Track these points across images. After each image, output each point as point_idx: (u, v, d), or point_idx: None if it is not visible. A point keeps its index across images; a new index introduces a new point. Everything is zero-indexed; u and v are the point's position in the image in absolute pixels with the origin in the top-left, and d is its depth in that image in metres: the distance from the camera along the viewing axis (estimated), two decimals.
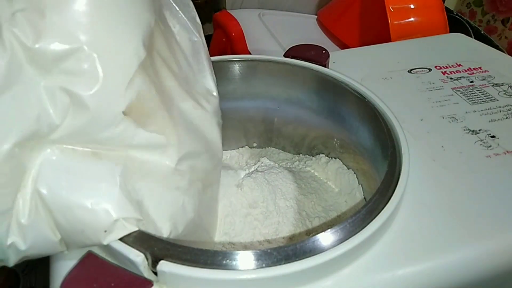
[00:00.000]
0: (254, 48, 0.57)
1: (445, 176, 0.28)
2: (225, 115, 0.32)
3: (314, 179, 0.37)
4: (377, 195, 0.24)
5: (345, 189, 0.36)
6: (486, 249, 0.24)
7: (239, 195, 0.32)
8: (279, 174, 0.35)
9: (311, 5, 0.78)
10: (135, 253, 0.21)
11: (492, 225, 0.25)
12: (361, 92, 0.33)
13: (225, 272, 0.20)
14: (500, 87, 0.38)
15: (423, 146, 0.31)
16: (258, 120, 0.42)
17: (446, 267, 0.23)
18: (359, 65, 0.42)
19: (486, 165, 0.29)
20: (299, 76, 0.37)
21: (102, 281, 0.20)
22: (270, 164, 0.37)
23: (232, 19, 0.57)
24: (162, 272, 0.20)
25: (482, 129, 0.33)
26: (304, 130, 0.40)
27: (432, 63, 0.42)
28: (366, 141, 0.33)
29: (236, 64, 0.38)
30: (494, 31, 0.83)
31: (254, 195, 0.32)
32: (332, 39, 0.68)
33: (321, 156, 0.40)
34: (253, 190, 0.32)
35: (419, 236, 0.24)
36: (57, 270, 0.23)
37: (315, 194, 0.34)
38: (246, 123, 0.42)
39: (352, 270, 0.22)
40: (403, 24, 0.54)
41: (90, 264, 0.21)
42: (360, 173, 0.35)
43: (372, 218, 0.23)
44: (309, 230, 0.31)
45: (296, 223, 0.31)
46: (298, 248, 0.21)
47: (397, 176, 0.26)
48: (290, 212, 0.32)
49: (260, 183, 0.33)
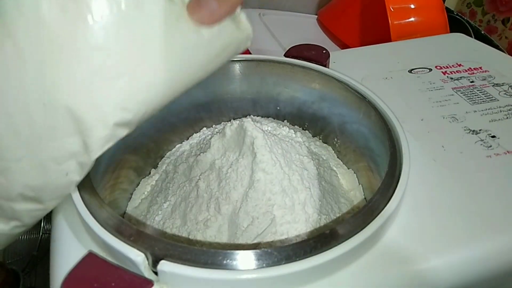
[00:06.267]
0: (254, 48, 0.57)
1: (445, 176, 0.28)
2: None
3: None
4: (378, 195, 0.24)
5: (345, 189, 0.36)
6: (487, 249, 0.24)
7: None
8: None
9: (311, 5, 0.78)
10: (136, 252, 0.21)
11: (492, 225, 0.25)
12: (361, 92, 0.33)
13: (226, 272, 0.20)
14: (500, 87, 0.38)
15: (423, 146, 0.31)
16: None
17: (446, 267, 0.23)
18: (359, 65, 0.42)
19: (487, 165, 0.29)
20: (299, 75, 0.37)
21: (102, 281, 0.20)
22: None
23: None
24: (162, 272, 0.20)
25: (483, 129, 0.33)
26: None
27: (432, 63, 0.42)
28: (366, 141, 0.33)
29: (236, 64, 0.38)
30: (494, 31, 0.83)
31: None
32: (332, 39, 0.68)
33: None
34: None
35: (419, 236, 0.24)
36: (57, 270, 0.23)
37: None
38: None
39: (352, 270, 0.22)
40: (403, 24, 0.54)
41: (90, 264, 0.21)
42: (360, 173, 0.35)
43: (373, 218, 0.23)
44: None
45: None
46: (298, 248, 0.21)
47: (398, 176, 0.26)
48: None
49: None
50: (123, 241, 0.21)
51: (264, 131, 0.31)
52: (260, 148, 0.30)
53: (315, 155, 0.36)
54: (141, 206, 0.34)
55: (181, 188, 0.33)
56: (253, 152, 0.30)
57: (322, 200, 0.31)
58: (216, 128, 0.41)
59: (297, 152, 0.34)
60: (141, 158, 0.36)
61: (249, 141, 0.30)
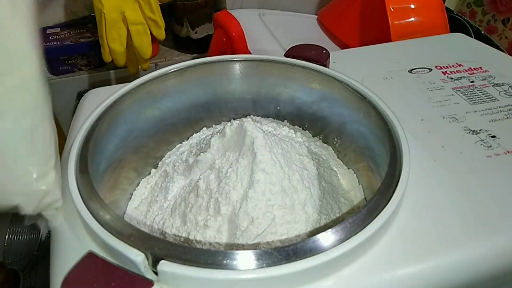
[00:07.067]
0: (254, 48, 0.57)
1: (445, 176, 0.28)
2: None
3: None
4: (378, 195, 0.24)
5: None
6: (486, 249, 0.24)
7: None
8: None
9: (311, 5, 0.78)
10: (136, 252, 0.21)
11: (492, 225, 0.25)
12: (361, 92, 0.33)
13: (226, 272, 0.20)
14: (500, 87, 0.38)
15: (423, 146, 0.31)
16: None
17: (446, 267, 0.23)
18: (359, 65, 0.42)
19: (487, 165, 0.29)
20: (299, 75, 0.37)
21: (102, 281, 0.20)
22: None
23: (232, 19, 0.57)
24: (162, 271, 0.20)
25: (483, 129, 0.33)
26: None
27: (432, 63, 0.42)
28: (366, 141, 0.33)
29: (236, 64, 0.38)
30: (495, 31, 0.83)
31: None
32: (332, 39, 0.68)
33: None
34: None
35: (419, 236, 0.24)
36: (57, 270, 0.23)
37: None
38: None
39: (352, 270, 0.22)
40: (403, 24, 0.54)
41: (90, 264, 0.21)
42: (360, 173, 0.35)
43: (373, 218, 0.23)
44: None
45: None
46: (298, 248, 0.21)
47: (398, 176, 0.26)
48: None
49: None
50: (123, 241, 0.21)
51: (264, 131, 0.31)
52: (260, 148, 0.30)
53: (315, 155, 0.36)
54: (141, 206, 0.34)
55: (180, 188, 0.33)
56: (253, 152, 0.30)
57: (322, 200, 0.31)
58: (216, 128, 0.41)
59: (297, 152, 0.34)
60: (141, 158, 0.36)
61: (249, 141, 0.30)
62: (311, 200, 0.30)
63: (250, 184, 0.29)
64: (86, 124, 0.30)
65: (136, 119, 0.35)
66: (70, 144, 0.29)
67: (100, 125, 0.30)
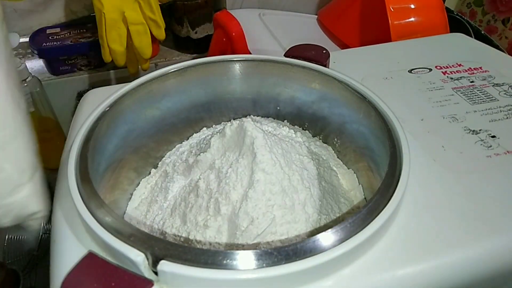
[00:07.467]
0: (254, 48, 0.57)
1: (445, 176, 0.28)
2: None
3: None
4: (378, 195, 0.24)
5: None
6: (486, 249, 0.24)
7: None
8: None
9: (311, 5, 0.78)
10: (136, 252, 0.21)
11: (492, 225, 0.25)
12: (361, 92, 0.33)
13: (226, 272, 0.20)
14: (500, 87, 0.38)
15: (423, 146, 0.31)
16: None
17: (446, 267, 0.23)
18: (359, 65, 0.42)
19: (487, 165, 0.29)
20: (299, 75, 0.37)
21: (102, 281, 0.20)
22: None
23: (232, 19, 0.57)
24: (162, 272, 0.20)
25: (483, 129, 0.33)
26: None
27: (432, 63, 0.42)
28: (366, 141, 0.33)
29: (236, 64, 0.38)
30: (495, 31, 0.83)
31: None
32: (332, 39, 0.68)
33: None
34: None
35: (419, 236, 0.24)
36: (57, 270, 0.23)
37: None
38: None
39: (352, 270, 0.22)
40: (403, 24, 0.54)
41: (90, 264, 0.21)
42: (360, 173, 0.35)
43: (373, 218, 0.23)
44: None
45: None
46: (298, 248, 0.21)
47: (398, 176, 0.26)
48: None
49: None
50: (123, 241, 0.21)
51: (264, 131, 0.31)
52: (260, 148, 0.30)
53: (315, 155, 0.36)
54: (141, 206, 0.34)
55: (180, 188, 0.33)
56: (253, 152, 0.30)
57: (322, 200, 0.31)
58: (216, 128, 0.41)
59: (297, 152, 0.34)
60: (141, 158, 0.36)
61: (249, 141, 0.30)
62: (311, 200, 0.30)
63: (250, 184, 0.29)
64: (86, 124, 0.30)
65: (136, 119, 0.35)
66: (70, 144, 0.29)
67: (100, 125, 0.30)
